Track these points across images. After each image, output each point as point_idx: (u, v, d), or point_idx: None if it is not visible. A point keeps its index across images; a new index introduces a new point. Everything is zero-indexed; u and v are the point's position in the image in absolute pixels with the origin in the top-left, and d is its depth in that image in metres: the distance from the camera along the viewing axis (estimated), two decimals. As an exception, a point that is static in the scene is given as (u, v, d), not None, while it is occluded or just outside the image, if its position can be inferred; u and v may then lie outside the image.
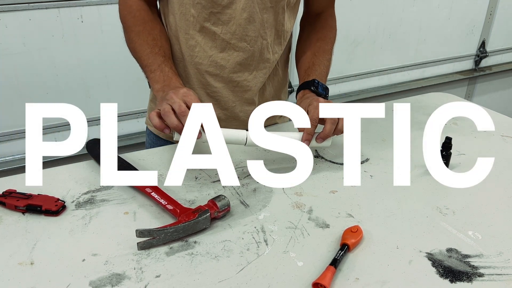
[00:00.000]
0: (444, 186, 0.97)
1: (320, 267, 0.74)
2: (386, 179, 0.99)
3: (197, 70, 1.10)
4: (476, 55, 3.13)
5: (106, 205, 0.89)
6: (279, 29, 1.12)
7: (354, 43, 2.60)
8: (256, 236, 0.81)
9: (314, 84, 1.09)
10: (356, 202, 0.91)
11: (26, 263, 0.74)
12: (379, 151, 1.11)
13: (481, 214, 0.88)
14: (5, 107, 1.87)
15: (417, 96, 1.48)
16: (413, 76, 2.95)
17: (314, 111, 0.99)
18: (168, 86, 0.97)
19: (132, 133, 2.15)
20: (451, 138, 1.02)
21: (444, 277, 0.73)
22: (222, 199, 0.85)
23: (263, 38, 1.08)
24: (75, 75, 1.94)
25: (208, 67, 1.09)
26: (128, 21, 1.07)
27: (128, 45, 1.08)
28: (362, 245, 0.79)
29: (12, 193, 0.89)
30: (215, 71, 1.10)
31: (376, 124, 1.26)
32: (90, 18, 1.87)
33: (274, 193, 0.94)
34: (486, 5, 2.98)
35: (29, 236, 0.81)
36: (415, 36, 2.81)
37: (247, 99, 1.16)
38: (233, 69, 1.10)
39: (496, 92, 3.45)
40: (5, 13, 1.73)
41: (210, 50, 1.07)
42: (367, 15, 2.58)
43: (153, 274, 0.72)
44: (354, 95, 2.74)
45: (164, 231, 0.78)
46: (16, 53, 1.80)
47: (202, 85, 1.12)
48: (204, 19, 1.04)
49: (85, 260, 0.75)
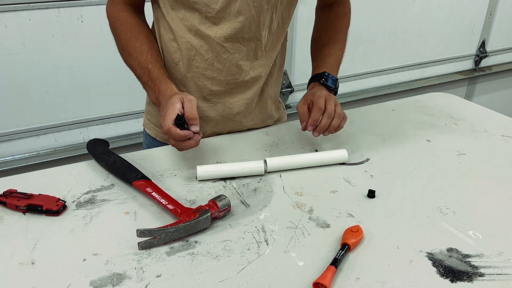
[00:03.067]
0: (444, 186, 0.97)
1: (320, 266, 0.74)
2: (386, 179, 0.99)
3: (193, 73, 1.10)
4: (476, 55, 3.13)
5: (106, 205, 0.89)
6: (272, 29, 1.10)
7: (354, 43, 2.60)
8: (256, 236, 0.81)
9: (324, 77, 1.12)
10: (357, 202, 0.91)
11: (27, 263, 0.74)
12: (379, 151, 1.12)
13: (481, 214, 0.88)
14: (5, 107, 1.87)
15: (417, 96, 1.48)
16: (413, 76, 2.95)
17: (318, 100, 1.03)
18: (161, 95, 0.98)
19: (132, 133, 2.15)
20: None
21: (444, 277, 0.73)
22: (223, 199, 0.85)
23: (257, 39, 1.08)
24: (75, 75, 1.94)
25: (205, 70, 1.09)
26: (116, 28, 1.07)
27: (121, 55, 1.09)
28: (362, 245, 0.79)
29: (13, 193, 0.89)
30: (212, 74, 1.09)
31: (376, 124, 1.26)
32: (90, 18, 1.87)
33: (275, 193, 0.94)
34: (486, 5, 2.98)
35: (30, 236, 0.81)
36: (415, 36, 2.81)
37: (245, 100, 1.16)
38: (230, 71, 1.09)
39: (496, 92, 3.45)
40: (5, 13, 1.73)
41: (206, 54, 1.07)
42: (367, 15, 2.58)
43: (153, 274, 0.72)
44: (354, 95, 2.74)
45: (164, 231, 0.78)
46: (16, 53, 1.80)
47: (198, 88, 1.12)
48: (199, 23, 1.03)
49: (86, 260, 0.75)
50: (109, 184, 0.96)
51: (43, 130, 1.98)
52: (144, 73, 1.02)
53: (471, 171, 1.03)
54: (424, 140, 1.17)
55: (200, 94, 1.13)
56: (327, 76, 1.12)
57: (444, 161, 1.07)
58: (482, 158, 1.09)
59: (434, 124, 1.26)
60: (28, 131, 1.95)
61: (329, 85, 1.12)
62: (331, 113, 1.03)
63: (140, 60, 1.03)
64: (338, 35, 1.21)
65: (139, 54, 1.03)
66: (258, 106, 1.20)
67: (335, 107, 1.04)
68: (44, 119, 1.96)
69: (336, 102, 1.05)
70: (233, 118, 1.17)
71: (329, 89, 1.12)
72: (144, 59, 1.03)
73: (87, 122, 2.06)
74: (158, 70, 1.02)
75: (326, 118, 1.02)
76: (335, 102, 1.05)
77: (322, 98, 1.04)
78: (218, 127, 1.19)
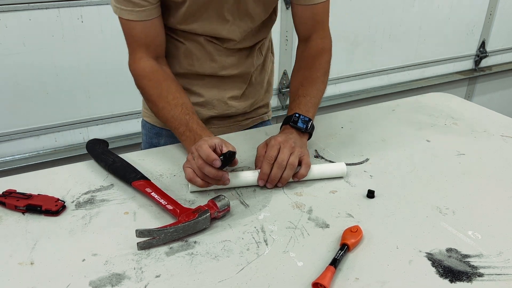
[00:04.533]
0: (444, 186, 0.97)
1: (320, 267, 0.74)
2: (386, 179, 0.99)
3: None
4: (476, 55, 3.13)
5: (106, 205, 0.89)
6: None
7: (354, 43, 2.60)
8: (256, 236, 0.81)
9: (293, 119, 1.04)
10: (356, 202, 0.91)
11: (26, 263, 0.74)
12: (379, 151, 1.12)
13: (481, 214, 0.88)
14: (5, 107, 1.87)
15: (417, 96, 1.48)
16: (413, 76, 2.95)
17: (270, 149, 0.96)
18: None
19: (132, 133, 2.15)
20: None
21: (444, 277, 0.73)
22: (222, 199, 0.85)
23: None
24: (75, 75, 1.94)
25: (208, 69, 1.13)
26: (144, 85, 1.08)
27: (151, 109, 1.10)
28: (362, 245, 0.79)
29: (12, 193, 0.89)
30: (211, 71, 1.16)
31: (376, 124, 1.26)
32: (90, 18, 1.87)
33: (274, 193, 0.94)
34: (486, 5, 2.98)
35: (29, 236, 0.81)
36: (415, 36, 2.81)
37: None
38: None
39: (496, 92, 3.45)
40: (5, 13, 1.73)
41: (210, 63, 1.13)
42: (367, 15, 2.58)
43: (153, 274, 0.72)
44: (354, 95, 2.74)
45: (164, 231, 0.78)
46: (16, 53, 1.80)
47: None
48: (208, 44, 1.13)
49: (85, 260, 0.75)
50: (108, 184, 0.96)
51: (43, 130, 1.99)
52: (181, 124, 1.01)
53: (470, 171, 1.03)
54: (424, 140, 1.17)
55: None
56: (298, 117, 1.03)
57: (444, 161, 1.07)
58: (482, 158, 1.09)
59: (434, 124, 1.26)
60: (28, 131, 1.96)
61: (298, 127, 1.03)
62: (281, 164, 0.94)
63: (176, 113, 1.03)
64: (315, 73, 1.12)
65: (174, 107, 1.03)
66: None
67: (290, 156, 0.95)
68: (44, 119, 1.96)
69: (293, 150, 0.96)
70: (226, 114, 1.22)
71: (300, 130, 1.03)
72: (180, 112, 1.03)
73: (87, 122, 2.06)
74: (197, 121, 1.02)
75: (276, 169, 0.93)
76: (291, 150, 0.95)
77: (275, 148, 0.95)
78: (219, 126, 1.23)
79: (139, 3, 1.01)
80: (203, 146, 0.88)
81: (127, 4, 1.01)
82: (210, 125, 1.25)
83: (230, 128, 1.27)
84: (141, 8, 1.02)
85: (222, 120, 1.26)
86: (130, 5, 1.01)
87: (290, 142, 0.97)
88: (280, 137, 0.98)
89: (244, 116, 1.30)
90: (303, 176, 0.96)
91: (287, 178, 0.95)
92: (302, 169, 0.96)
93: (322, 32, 1.16)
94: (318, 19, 1.14)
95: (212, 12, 1.07)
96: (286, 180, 0.95)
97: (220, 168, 0.89)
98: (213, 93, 1.20)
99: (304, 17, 1.14)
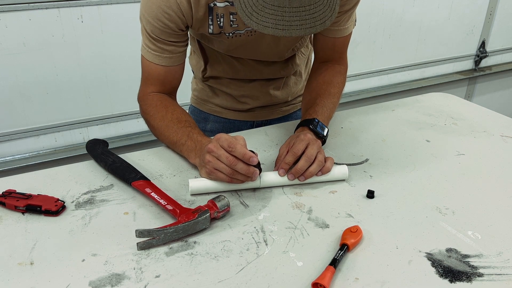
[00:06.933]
0: (444, 186, 0.97)
1: (319, 267, 0.74)
2: (386, 179, 0.99)
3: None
4: (476, 55, 3.13)
5: (106, 205, 0.89)
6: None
7: (354, 43, 2.60)
8: (255, 236, 0.81)
9: (313, 123, 1.05)
10: (356, 202, 0.91)
11: (26, 263, 0.74)
12: (379, 151, 1.12)
13: (481, 214, 0.88)
14: (5, 107, 1.87)
15: (417, 96, 1.48)
16: (413, 76, 2.95)
17: (297, 143, 0.97)
18: (200, 150, 0.97)
19: (132, 133, 2.15)
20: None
21: (443, 277, 0.73)
22: (222, 199, 0.85)
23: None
24: (75, 75, 1.94)
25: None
26: (150, 111, 1.09)
27: (154, 132, 1.10)
28: (361, 245, 0.79)
29: (12, 193, 0.89)
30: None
31: (376, 124, 1.26)
32: (90, 18, 1.87)
33: (274, 193, 0.94)
34: (486, 5, 2.98)
35: (29, 236, 0.81)
36: (415, 36, 2.81)
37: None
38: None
39: (496, 92, 3.45)
40: (5, 13, 1.73)
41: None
42: (367, 15, 2.57)
43: (152, 274, 0.72)
44: (354, 95, 2.74)
45: (163, 231, 0.78)
46: (16, 53, 1.80)
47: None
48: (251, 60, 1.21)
49: (84, 260, 0.75)
50: (108, 185, 0.96)
51: (43, 130, 1.99)
52: (183, 134, 1.02)
53: (470, 171, 1.03)
54: (424, 140, 1.17)
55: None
56: (317, 122, 1.06)
57: (444, 161, 1.07)
58: (482, 158, 1.09)
59: (433, 124, 1.26)
60: (28, 131, 1.96)
61: (318, 131, 1.04)
62: (310, 157, 0.95)
63: (178, 127, 1.04)
64: (333, 89, 1.16)
65: (177, 122, 1.05)
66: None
67: (318, 153, 0.97)
68: (44, 119, 1.96)
69: (320, 149, 0.98)
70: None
71: (317, 135, 1.04)
72: (182, 126, 1.04)
73: (87, 122, 2.06)
74: (198, 131, 1.03)
75: (303, 162, 0.95)
76: (318, 149, 0.97)
77: (303, 142, 0.97)
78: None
79: (168, 50, 1.04)
80: (237, 146, 0.88)
81: (156, 49, 1.04)
82: (252, 112, 1.33)
83: (272, 113, 1.36)
84: (169, 54, 1.05)
85: (264, 109, 1.35)
86: (159, 50, 1.04)
87: (317, 142, 0.99)
88: (306, 136, 1.00)
89: (286, 103, 1.37)
90: (328, 170, 0.97)
91: (313, 173, 0.96)
92: (327, 163, 0.97)
93: (340, 60, 1.22)
94: (338, 50, 1.19)
95: (250, 50, 1.15)
96: (311, 174, 0.96)
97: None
98: (257, 89, 1.29)
99: (325, 47, 1.19)
